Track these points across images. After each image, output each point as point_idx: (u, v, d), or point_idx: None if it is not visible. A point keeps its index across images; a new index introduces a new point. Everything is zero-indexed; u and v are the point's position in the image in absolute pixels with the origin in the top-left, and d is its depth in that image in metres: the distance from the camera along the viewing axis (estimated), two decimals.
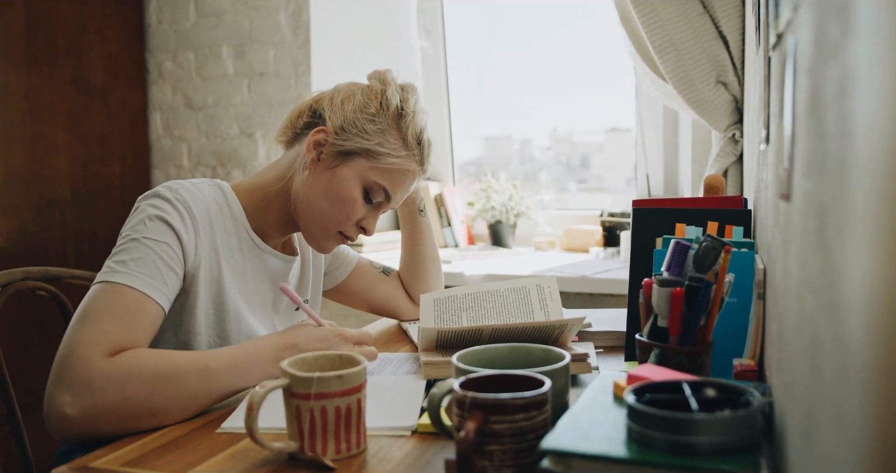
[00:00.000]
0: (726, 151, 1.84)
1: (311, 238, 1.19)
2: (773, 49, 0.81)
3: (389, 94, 1.15)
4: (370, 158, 1.13)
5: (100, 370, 0.88)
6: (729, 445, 0.61)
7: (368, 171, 1.13)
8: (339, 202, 1.14)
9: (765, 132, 0.91)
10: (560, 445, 0.64)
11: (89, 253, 2.39)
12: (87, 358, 0.89)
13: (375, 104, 1.14)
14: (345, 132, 1.13)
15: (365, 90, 1.17)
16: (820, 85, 0.46)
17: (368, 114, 1.14)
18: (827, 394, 0.42)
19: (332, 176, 1.13)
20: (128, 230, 1.02)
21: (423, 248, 1.43)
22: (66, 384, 0.88)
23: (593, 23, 2.67)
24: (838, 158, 0.39)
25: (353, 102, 1.14)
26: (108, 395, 0.87)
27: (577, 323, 1.07)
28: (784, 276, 0.68)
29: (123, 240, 1.01)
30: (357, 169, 1.13)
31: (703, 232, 1.12)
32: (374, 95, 1.15)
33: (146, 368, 0.90)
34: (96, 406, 0.87)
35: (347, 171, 1.13)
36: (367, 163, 1.13)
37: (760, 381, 0.89)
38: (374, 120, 1.13)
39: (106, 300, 0.94)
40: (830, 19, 0.42)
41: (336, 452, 0.78)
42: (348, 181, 1.13)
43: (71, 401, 0.87)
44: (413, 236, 1.43)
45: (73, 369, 0.88)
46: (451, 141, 2.73)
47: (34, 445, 1.29)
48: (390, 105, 1.14)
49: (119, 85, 2.52)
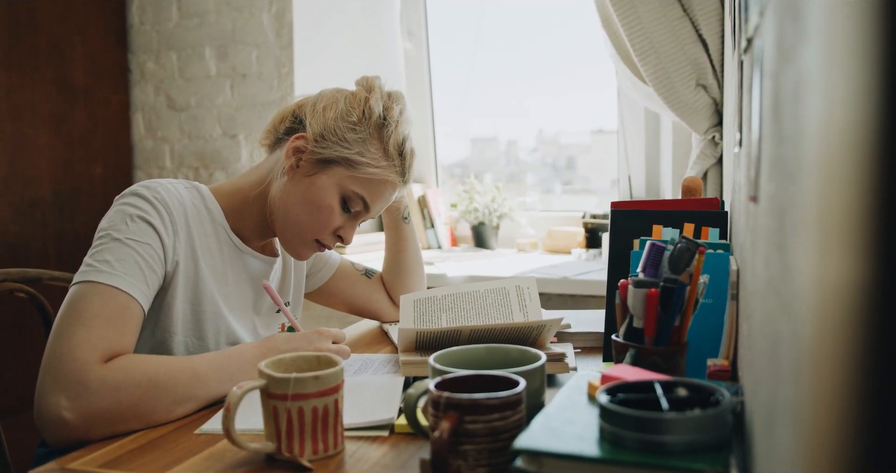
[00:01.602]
0: (706, 153, 1.86)
1: (287, 245, 1.18)
2: (745, 53, 0.82)
3: (373, 102, 1.14)
4: (349, 168, 1.12)
5: (97, 374, 0.88)
6: (699, 444, 0.62)
7: (347, 180, 1.12)
8: (315, 211, 1.12)
9: (738, 135, 0.93)
10: (533, 444, 0.64)
11: (70, 254, 2.38)
12: (85, 362, 0.89)
13: (357, 112, 1.13)
14: (324, 140, 1.12)
15: (349, 97, 1.15)
16: (780, 89, 0.47)
17: (350, 122, 1.12)
18: (785, 391, 0.42)
19: (309, 183, 1.12)
20: (108, 229, 1.01)
21: (406, 254, 1.43)
22: (62, 388, 0.88)
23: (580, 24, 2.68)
24: (794, 160, 0.40)
25: (335, 109, 1.13)
26: (104, 399, 0.87)
27: (555, 324, 1.08)
28: (752, 277, 0.69)
29: (104, 239, 1.00)
30: (335, 178, 1.12)
31: (679, 234, 1.13)
32: (358, 102, 1.14)
33: (139, 372, 0.90)
34: (92, 411, 0.87)
35: (326, 179, 1.12)
36: (345, 172, 1.12)
37: (734, 381, 0.90)
38: (356, 128, 1.12)
39: (98, 302, 0.94)
40: (787, 24, 0.43)
41: (313, 452, 0.79)
42: (326, 190, 1.12)
43: (68, 405, 0.87)
44: (397, 242, 1.43)
45: (70, 372, 0.88)
46: (435, 143, 2.74)
47: (12, 447, 1.29)
48: (373, 114, 1.13)
49: (101, 86, 2.51)
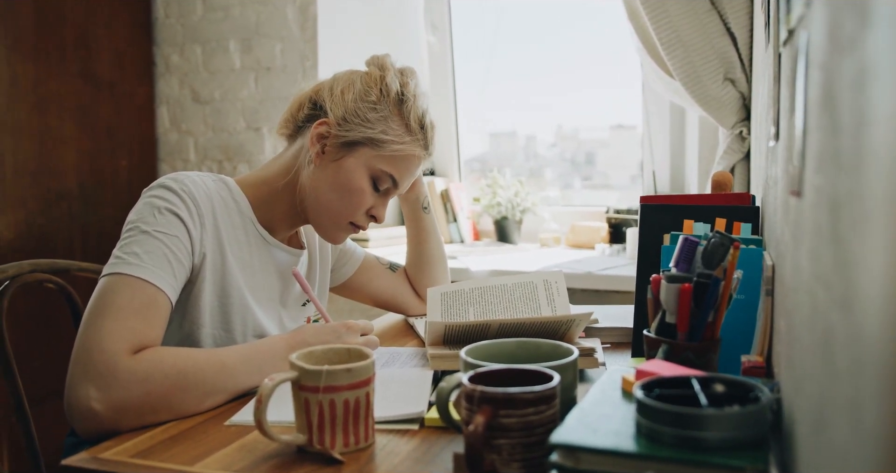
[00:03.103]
0: (733, 148, 1.84)
1: (322, 230, 1.19)
2: (784, 45, 0.81)
3: (389, 79, 1.15)
4: (374, 147, 1.13)
5: (126, 366, 0.89)
6: (738, 440, 0.61)
7: (374, 159, 1.13)
8: (347, 194, 1.13)
9: (774, 129, 0.91)
10: (569, 439, 0.64)
11: (96, 246, 2.40)
12: (114, 353, 0.89)
13: (376, 92, 1.14)
14: (347, 123, 1.12)
15: (364, 78, 1.16)
16: (834, 79, 0.46)
17: (369, 102, 1.13)
18: (840, 388, 0.41)
19: (337, 168, 1.13)
20: (136, 222, 1.01)
21: (428, 245, 1.43)
22: (91, 379, 0.88)
23: (599, 19, 2.66)
24: (853, 152, 0.39)
25: (352, 91, 1.14)
26: (133, 391, 0.88)
27: (585, 319, 1.07)
28: (794, 271, 0.67)
29: (133, 231, 1.00)
30: (362, 158, 1.13)
31: (710, 229, 1.12)
32: (374, 82, 1.15)
33: (167, 363, 0.91)
34: (122, 402, 0.88)
35: (353, 161, 1.13)
36: (371, 152, 1.13)
37: (768, 377, 0.89)
38: (376, 108, 1.13)
39: (126, 294, 0.94)
40: (846, 13, 0.42)
41: (344, 445, 0.79)
42: (355, 172, 1.13)
43: (97, 396, 0.88)
44: (418, 233, 1.43)
45: (99, 362, 0.89)
46: (458, 137, 2.73)
47: (42, 437, 1.30)
48: (390, 91, 1.14)
49: (126, 78, 2.52)
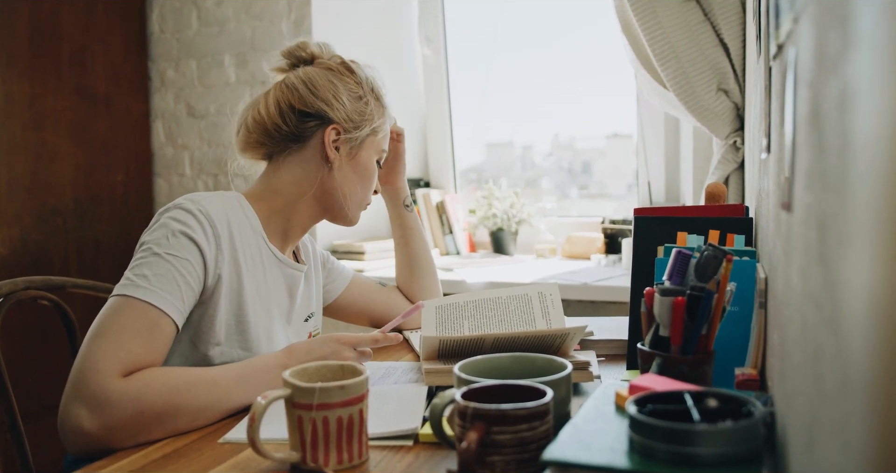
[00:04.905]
0: (727, 158, 1.84)
1: (343, 219, 1.25)
2: (774, 59, 0.81)
3: (356, 69, 1.23)
4: (375, 134, 1.24)
5: (117, 386, 0.89)
6: (731, 456, 0.61)
7: (377, 144, 1.25)
8: (368, 181, 1.25)
9: (766, 141, 0.92)
10: (562, 456, 0.64)
11: (92, 261, 2.40)
12: (106, 374, 0.89)
13: (355, 87, 1.21)
14: (353, 122, 1.20)
15: (335, 76, 1.20)
16: (820, 98, 0.46)
17: (358, 97, 1.21)
18: (829, 407, 0.41)
19: (355, 164, 1.22)
20: (149, 243, 1.01)
21: (414, 244, 1.46)
22: (83, 399, 0.89)
23: (594, 29, 2.67)
24: (838, 172, 0.39)
25: (344, 92, 1.19)
26: (125, 410, 0.88)
27: (580, 332, 1.07)
28: (786, 286, 0.68)
29: (145, 253, 1.00)
30: (371, 148, 1.24)
31: (704, 240, 1.12)
32: (348, 77, 1.21)
33: (160, 382, 0.91)
34: (113, 422, 0.88)
35: (365, 153, 1.23)
36: (374, 138, 1.24)
37: (762, 390, 0.89)
38: (366, 101, 1.22)
39: (129, 316, 0.95)
40: (831, 33, 0.42)
41: (338, 462, 0.78)
42: (369, 161, 1.24)
43: (88, 416, 0.88)
44: (403, 232, 1.46)
45: (92, 383, 0.89)
46: (453, 148, 2.73)
47: (35, 454, 1.29)
48: (363, 81, 1.23)
49: (122, 93, 2.53)
